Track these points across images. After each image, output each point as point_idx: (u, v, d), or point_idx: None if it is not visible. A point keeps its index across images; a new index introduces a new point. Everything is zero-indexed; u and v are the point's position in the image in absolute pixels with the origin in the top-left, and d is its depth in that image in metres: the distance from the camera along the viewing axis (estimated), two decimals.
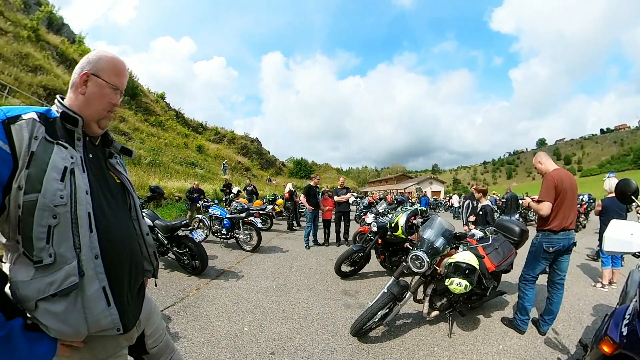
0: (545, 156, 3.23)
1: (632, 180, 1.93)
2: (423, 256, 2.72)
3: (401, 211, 4.56)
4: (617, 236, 1.71)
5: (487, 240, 3.38)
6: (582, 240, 8.81)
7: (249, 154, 46.25)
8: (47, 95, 15.52)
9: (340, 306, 3.73)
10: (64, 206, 0.92)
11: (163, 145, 23.75)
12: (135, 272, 1.15)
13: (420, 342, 2.91)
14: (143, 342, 1.26)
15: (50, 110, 1.05)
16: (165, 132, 28.43)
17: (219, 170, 25.75)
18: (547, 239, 2.97)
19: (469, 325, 3.30)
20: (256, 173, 38.63)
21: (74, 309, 0.93)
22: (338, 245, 7.59)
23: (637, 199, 1.84)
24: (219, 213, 7.08)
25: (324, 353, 2.67)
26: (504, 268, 3.34)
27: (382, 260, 4.87)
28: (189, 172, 18.76)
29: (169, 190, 11.92)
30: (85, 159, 1.05)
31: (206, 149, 33.55)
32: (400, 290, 2.85)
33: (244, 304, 3.67)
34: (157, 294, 3.74)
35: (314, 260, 6.00)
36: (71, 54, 23.74)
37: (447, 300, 3.02)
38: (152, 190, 4.58)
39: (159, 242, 4.74)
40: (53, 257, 0.90)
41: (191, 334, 2.91)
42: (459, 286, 2.63)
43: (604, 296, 4.28)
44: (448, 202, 22.44)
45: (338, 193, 7.66)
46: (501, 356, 2.72)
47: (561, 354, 2.75)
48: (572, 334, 3.13)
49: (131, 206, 1.22)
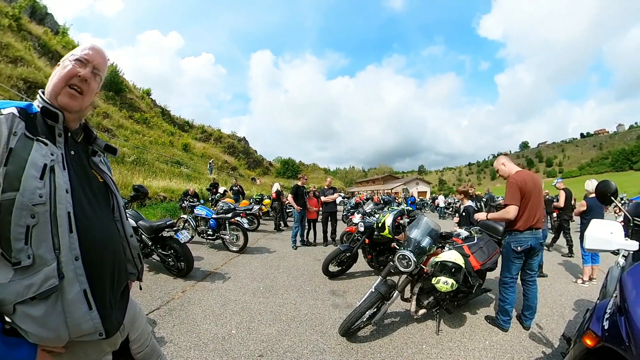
0: (506, 159, 3.34)
1: (612, 181, 2.02)
2: (410, 255, 2.77)
3: (388, 211, 4.61)
4: (597, 235, 1.79)
5: (472, 240, 3.46)
6: (563, 238, 9.14)
7: (235, 153, 45.63)
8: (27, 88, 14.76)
9: (328, 306, 3.73)
10: (43, 205, 0.88)
11: (148, 143, 22.97)
12: (118, 274, 1.11)
13: (409, 340, 2.95)
14: (128, 347, 1.22)
15: (31, 105, 1.02)
16: (150, 130, 27.56)
17: (205, 169, 25.31)
18: (514, 239, 3.05)
19: (456, 322, 3.37)
20: (243, 173, 38.16)
21: (53, 313, 0.89)
22: (325, 245, 7.59)
23: (615, 200, 1.93)
24: (204, 213, 6.95)
25: (313, 354, 2.66)
26: (489, 266, 3.43)
27: (370, 260, 4.91)
28: (174, 171, 18.32)
29: (153, 189, 11.61)
30: (67, 156, 1.01)
31: (192, 147, 32.85)
32: (387, 289, 2.88)
33: (231, 306, 3.62)
34: (141, 297, 3.64)
35: (301, 261, 5.98)
36: (54, 46, 22.49)
37: (434, 299, 3.07)
38: (136, 189, 4.44)
39: (142, 244, 4.61)
40: (32, 259, 0.86)
41: (177, 338, 2.84)
42: (445, 284, 2.68)
43: (585, 292, 4.45)
44: (434, 203, 22.83)
45: (325, 193, 7.65)
46: (488, 352, 2.79)
47: (545, 348, 2.84)
48: (555, 329, 3.24)
49: (114, 207, 1.18)
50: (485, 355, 2.72)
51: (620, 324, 1.34)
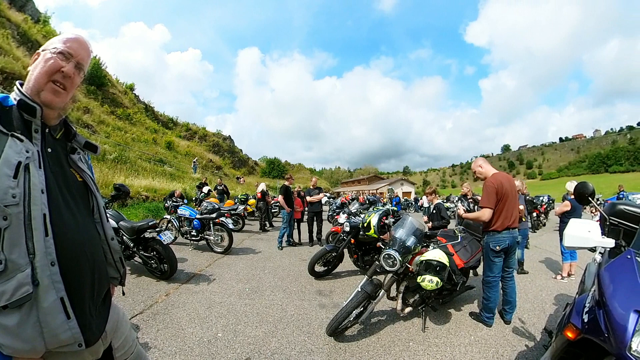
0: (483, 161, 3.44)
1: (589, 183, 2.13)
2: (395, 255, 2.81)
3: (373, 211, 4.65)
4: (576, 233, 1.87)
5: (456, 239, 3.54)
6: (543, 237, 9.55)
7: (220, 152, 44.88)
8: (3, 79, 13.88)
9: (315, 306, 3.72)
10: (16, 206, 0.82)
11: (130, 140, 22.11)
12: (99, 280, 1.05)
13: (396, 338, 2.98)
14: (111, 355, 1.16)
15: (7, 97, 0.96)
16: (133, 127, 26.55)
17: (189, 168, 24.77)
18: (493, 238, 3.15)
19: (441, 319, 3.43)
20: (228, 172, 37.56)
21: (28, 323, 0.84)
22: (311, 245, 7.58)
23: (593, 200, 2.03)
24: (188, 213, 6.81)
25: (301, 354, 2.65)
26: (472, 264, 3.53)
27: (355, 260, 4.94)
28: (157, 170, 17.77)
29: (135, 189, 11.24)
30: (43, 154, 0.94)
31: (176, 145, 31.99)
32: (374, 288, 2.91)
33: (216, 308, 3.55)
34: (123, 301, 3.51)
35: (287, 261, 5.95)
36: (34, 35, 21.24)
37: (419, 297, 3.12)
38: (117, 188, 4.28)
39: (124, 245, 4.46)
40: (4, 264, 0.81)
41: (162, 342, 2.76)
42: (430, 283, 2.73)
43: (564, 287, 4.64)
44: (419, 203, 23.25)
45: (310, 193, 7.63)
46: (473, 347, 2.86)
47: (528, 342, 2.95)
48: (537, 323, 3.36)
49: (94, 208, 1.12)
50: (471, 350, 2.79)
51: (599, 316, 1.41)
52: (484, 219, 3.12)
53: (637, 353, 1.22)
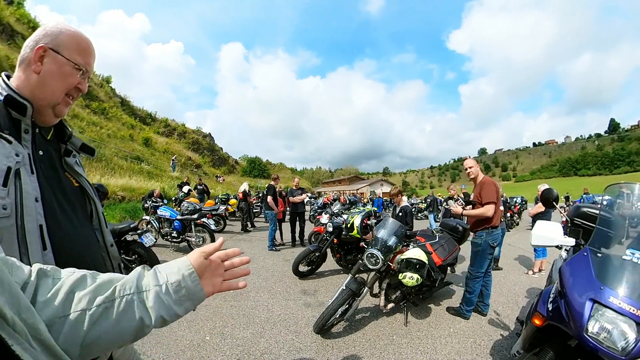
0: (474, 162, 3.60)
1: (554, 189, 2.44)
2: (378, 254, 2.96)
3: (356, 212, 4.79)
4: (541, 233, 2.11)
5: (434, 238, 3.75)
6: (516, 235, 10.11)
7: (200, 149, 43.70)
8: None
9: (300, 306, 3.80)
10: (8, 219, 0.72)
11: (105, 136, 20.84)
12: None
13: (380, 333, 3.12)
14: None
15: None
16: (108, 122, 24.94)
17: (168, 166, 23.98)
18: (491, 236, 3.35)
19: (422, 313, 3.62)
20: (207, 170, 36.68)
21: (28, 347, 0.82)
22: (293, 245, 7.61)
23: (557, 204, 2.29)
24: (168, 214, 6.67)
25: (290, 353, 2.72)
26: (450, 262, 3.74)
27: (338, 259, 5.06)
28: (134, 168, 17.08)
29: (111, 188, 10.73)
30: (35, 157, 0.84)
31: (154, 142, 30.60)
32: (357, 286, 3.04)
33: (202, 311, 3.54)
34: None
35: (270, 262, 5.98)
36: (6, 18, 19.39)
37: (401, 293, 3.28)
38: (96, 189, 4.15)
39: None
40: None
41: (150, 349, 2.74)
42: (411, 279, 2.90)
43: (535, 281, 5.01)
44: None
45: (293, 194, 7.60)
46: (453, 338, 3.06)
47: (503, 331, 3.20)
48: (511, 314, 3.62)
49: (93, 213, 1.05)
50: (451, 342, 2.98)
51: (561, 305, 1.62)
52: (490, 214, 3.26)
53: (593, 334, 1.44)
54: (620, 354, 1.37)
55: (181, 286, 0.64)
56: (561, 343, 1.72)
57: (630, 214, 1.88)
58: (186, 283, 0.64)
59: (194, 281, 0.65)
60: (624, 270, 1.57)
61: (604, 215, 1.94)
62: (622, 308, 1.42)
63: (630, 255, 1.60)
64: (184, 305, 0.64)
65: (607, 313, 1.45)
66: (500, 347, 2.87)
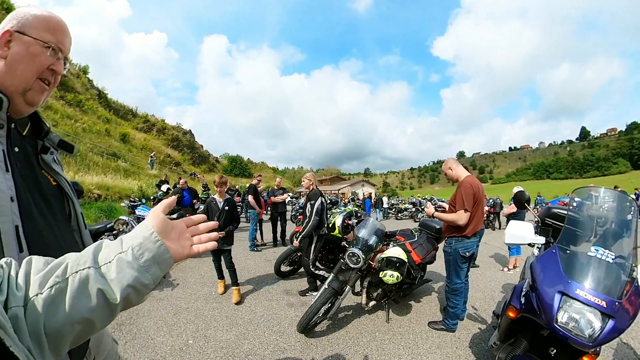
0: (455, 162, 3.28)
1: (526, 191, 2.61)
2: (359, 253, 3.03)
3: (337, 213, 4.85)
4: (513, 232, 2.26)
5: (413, 237, 3.86)
6: (492, 234, 10.54)
7: (180, 147, 42.40)
8: None
9: (283, 306, 3.80)
10: None
11: (80, 130, 19.47)
12: None
13: (363, 330, 3.18)
14: None
15: None
16: (84, 115, 23.25)
17: (146, 164, 23.10)
18: (462, 244, 3.01)
19: (403, 310, 3.72)
20: (187, 168, 35.69)
21: None
22: (275, 245, 7.57)
23: (529, 205, 2.46)
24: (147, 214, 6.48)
25: (275, 353, 2.73)
26: (428, 260, 3.87)
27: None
28: (111, 165, 16.27)
29: (86, 186, 10.17)
30: (10, 154, 0.80)
31: (131, 138, 29.12)
32: (340, 285, 3.10)
33: (183, 314, 3.48)
34: None
35: (252, 263, 5.93)
36: None
37: (382, 291, 3.36)
38: None
39: None
40: None
41: (132, 355, 2.65)
42: (391, 277, 2.98)
43: (510, 277, 5.28)
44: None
45: (275, 193, 7.53)
46: (433, 332, 3.18)
47: (481, 325, 3.34)
48: (487, 309, 3.79)
49: (71, 214, 1.00)
50: (431, 336, 3.09)
51: (532, 298, 1.76)
52: (461, 223, 2.91)
53: (562, 324, 1.58)
54: (587, 340, 1.51)
55: (143, 249, 0.58)
56: (534, 333, 1.86)
57: (598, 214, 2.03)
58: (148, 245, 0.58)
59: (155, 241, 0.59)
60: (589, 265, 1.71)
61: (572, 215, 2.08)
62: (587, 299, 1.56)
63: (594, 251, 1.73)
64: (150, 271, 0.58)
65: (574, 304, 1.59)
66: (478, 340, 3.01)
